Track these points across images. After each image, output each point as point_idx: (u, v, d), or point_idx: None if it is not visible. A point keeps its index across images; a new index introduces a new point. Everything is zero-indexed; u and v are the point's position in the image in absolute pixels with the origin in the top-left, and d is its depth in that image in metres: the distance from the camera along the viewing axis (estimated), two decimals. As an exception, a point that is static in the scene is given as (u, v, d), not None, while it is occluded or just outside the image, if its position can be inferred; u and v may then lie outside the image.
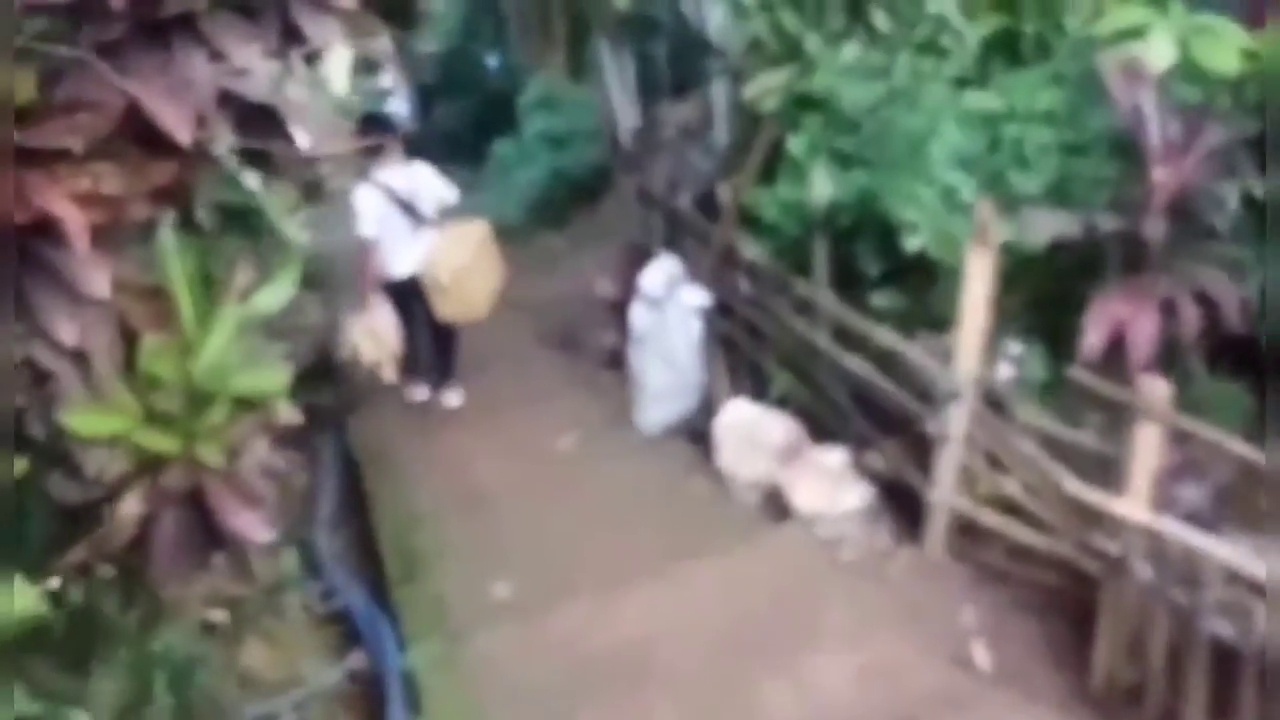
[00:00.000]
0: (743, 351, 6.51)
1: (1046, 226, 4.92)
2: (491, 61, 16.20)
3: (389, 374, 7.08)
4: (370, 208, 6.76)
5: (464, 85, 16.05)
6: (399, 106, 18.37)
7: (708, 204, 6.98)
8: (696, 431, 6.62)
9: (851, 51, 5.78)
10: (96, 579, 3.24)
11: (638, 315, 6.76)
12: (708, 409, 6.66)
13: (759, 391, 6.30)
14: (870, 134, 5.47)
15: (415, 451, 6.94)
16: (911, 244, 5.08)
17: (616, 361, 7.67)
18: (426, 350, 7.47)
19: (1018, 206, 5.01)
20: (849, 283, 5.63)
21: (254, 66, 2.57)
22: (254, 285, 3.97)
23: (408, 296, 6.95)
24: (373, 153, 6.76)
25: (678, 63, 11.90)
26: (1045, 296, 5.16)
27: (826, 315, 5.66)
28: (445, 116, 16.58)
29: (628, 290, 7.54)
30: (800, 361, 5.97)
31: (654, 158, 8.28)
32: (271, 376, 3.36)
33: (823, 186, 5.31)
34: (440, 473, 6.59)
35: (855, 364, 5.44)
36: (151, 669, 4.20)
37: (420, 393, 7.54)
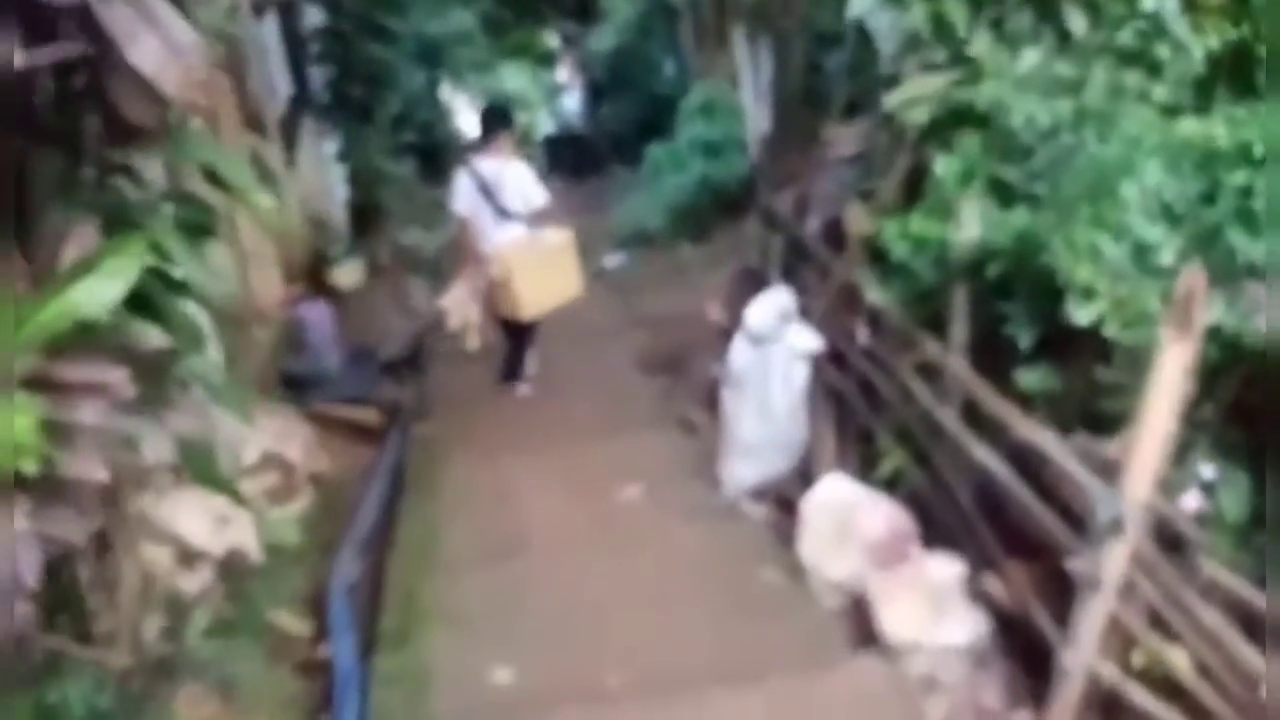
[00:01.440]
0: (853, 413, 5.07)
1: (1276, 313, 3.35)
2: (665, 64, 15.03)
3: (472, 342, 7.22)
4: (463, 190, 6.84)
5: (633, 85, 14.95)
6: (570, 103, 17.47)
7: (836, 232, 5.56)
8: (785, 500, 5.23)
9: (1032, 58, 4.28)
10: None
11: (738, 352, 5.40)
12: (803, 475, 5.26)
13: (865, 466, 4.87)
14: (1044, 164, 3.97)
15: (464, 472, 5.79)
16: (1081, 313, 3.57)
17: (717, 398, 6.34)
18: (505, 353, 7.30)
19: (1237, 280, 3.45)
20: (991, 350, 4.14)
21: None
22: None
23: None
24: (487, 141, 6.89)
25: (820, 67, 10.51)
26: (1258, 407, 3.57)
27: (957, 388, 4.18)
28: (611, 115, 15.55)
29: (737, 319, 6.21)
30: (920, 439, 4.51)
31: (783, 172, 6.87)
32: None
33: (972, 224, 3.85)
34: (483, 504, 5.40)
35: (987, 457, 3.97)
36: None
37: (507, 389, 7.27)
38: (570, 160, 16.32)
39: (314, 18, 9.78)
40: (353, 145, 9.86)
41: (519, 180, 6.84)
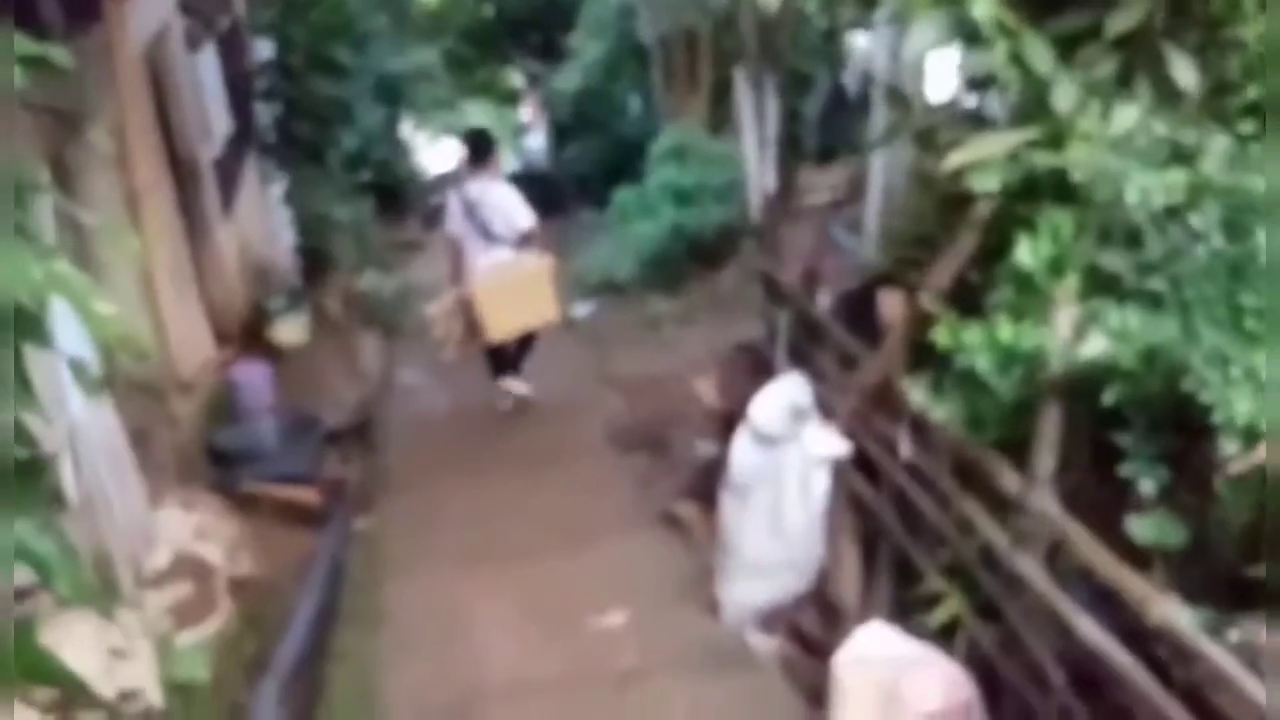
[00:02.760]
0: (889, 538, 3.97)
1: None
2: (632, 105, 13.99)
3: (450, 352, 7.06)
4: (453, 212, 6.84)
5: (599, 126, 13.86)
6: (535, 141, 16.36)
7: (857, 309, 4.50)
8: (799, 632, 4.14)
9: (1128, 115, 3.25)
10: None
11: (741, 452, 4.31)
12: (819, 600, 4.18)
13: (904, 605, 3.79)
14: (1160, 252, 2.94)
15: (410, 593, 4.62)
16: (1238, 460, 2.53)
17: (706, 486, 5.26)
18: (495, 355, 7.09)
19: None
20: (1088, 483, 3.10)
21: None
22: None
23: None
24: (476, 165, 6.85)
25: (836, 114, 9.54)
26: None
27: (1042, 531, 3.12)
28: (576, 156, 14.45)
29: (734, 403, 5.12)
30: (985, 583, 3.43)
31: (789, 235, 5.82)
32: None
33: (1096, 342, 2.79)
34: (431, 639, 4.24)
35: (1084, 625, 2.91)
36: None
37: (498, 392, 7.09)
38: (534, 200, 15.04)
39: (264, 51, 8.61)
40: (300, 187, 8.67)
41: (503, 203, 6.76)
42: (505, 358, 7.02)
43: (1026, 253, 3.07)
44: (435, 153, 12.31)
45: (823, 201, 7.70)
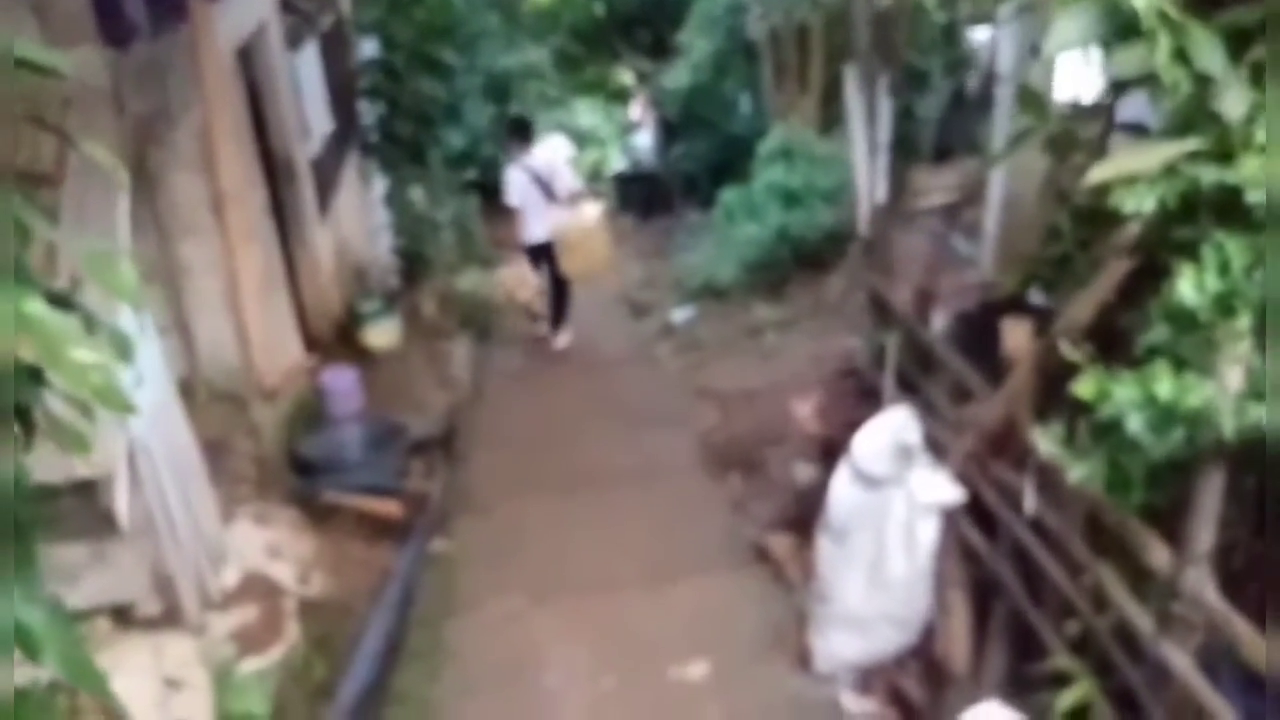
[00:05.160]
0: (1006, 599, 3.44)
1: None
2: (741, 104, 13.46)
3: (536, 308, 8.84)
4: (515, 183, 7.94)
5: (707, 124, 13.36)
6: (642, 141, 15.93)
7: (976, 335, 3.96)
8: (899, 695, 3.65)
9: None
10: None
11: (841, 492, 3.82)
12: (926, 666, 3.67)
13: (1024, 680, 3.26)
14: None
15: (477, 630, 4.25)
16: None
17: (802, 516, 4.79)
18: (550, 302, 8.51)
19: None
20: (1259, 567, 2.54)
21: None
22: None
23: (542, 254, 8.18)
24: (521, 143, 8.04)
25: (954, 114, 8.88)
26: None
27: (1195, 616, 2.57)
28: (684, 155, 13.98)
29: (834, 430, 4.64)
30: (1122, 667, 2.88)
31: (900, 240, 5.29)
32: None
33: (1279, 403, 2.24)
34: (498, 686, 3.87)
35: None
36: None
37: (541, 328, 8.67)
38: (640, 199, 14.81)
39: (368, 49, 8.40)
40: (401, 187, 8.44)
41: (563, 170, 8.20)
42: (564, 298, 8.48)
43: (1189, 287, 2.51)
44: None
45: (936, 204, 7.11)
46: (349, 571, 5.10)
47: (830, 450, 4.93)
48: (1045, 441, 3.00)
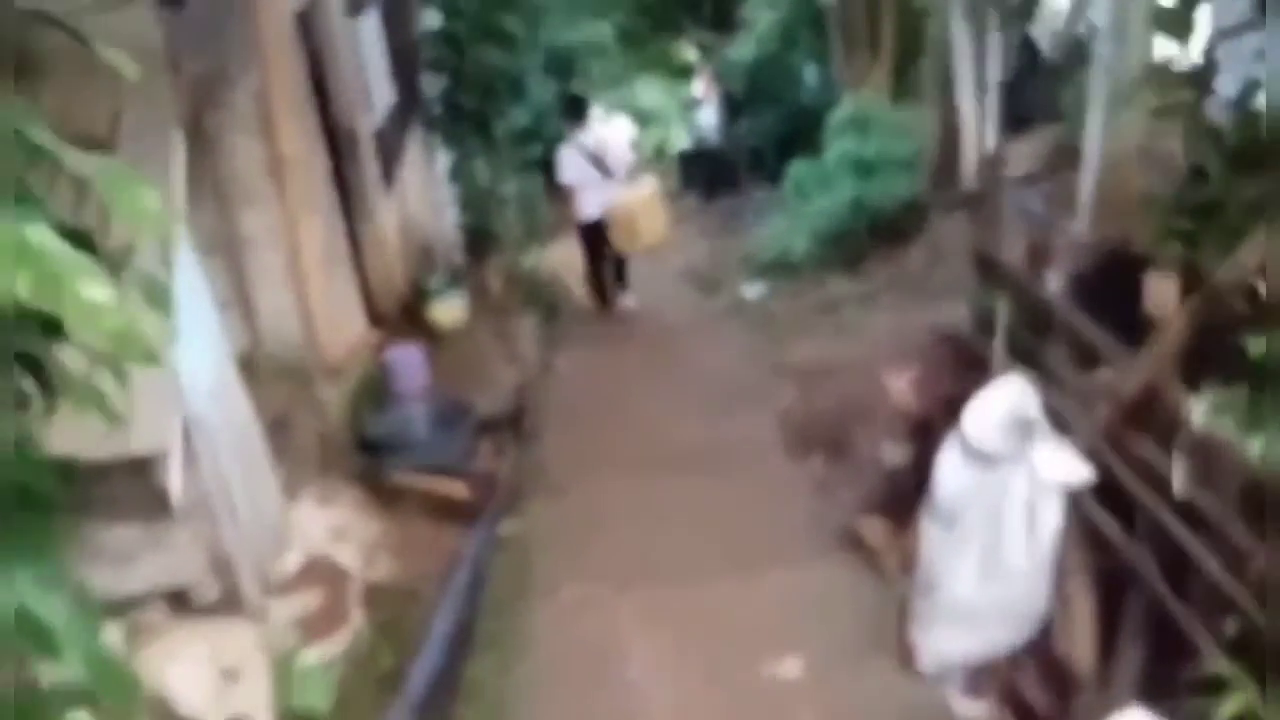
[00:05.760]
0: (1143, 593, 3.02)
1: None
2: (809, 75, 12.95)
3: (579, 290, 8.91)
4: (568, 162, 8.00)
5: (774, 97, 12.89)
6: (706, 117, 15.48)
7: (1098, 295, 3.53)
8: (1017, 697, 3.25)
9: None
10: None
11: (949, 472, 3.42)
12: (1046, 666, 3.27)
13: (1164, 683, 2.84)
14: None
15: (552, 613, 3.94)
16: None
17: (895, 499, 4.41)
18: (609, 273, 8.47)
19: None
20: None
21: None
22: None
23: (596, 232, 8.10)
24: (576, 121, 8.17)
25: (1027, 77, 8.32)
26: None
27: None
28: (750, 130, 13.52)
29: (934, 405, 4.23)
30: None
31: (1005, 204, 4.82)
32: None
33: None
34: (573, 676, 3.57)
35: None
36: None
37: (599, 306, 8.59)
38: (705, 177, 14.37)
39: (431, 20, 8.10)
40: (466, 161, 8.15)
41: (618, 147, 8.18)
42: (608, 280, 8.45)
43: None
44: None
45: (1018, 174, 6.62)
46: (416, 555, 4.82)
47: (923, 429, 4.53)
48: (1201, 411, 2.58)
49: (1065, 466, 3.14)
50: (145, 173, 4.19)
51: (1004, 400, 3.35)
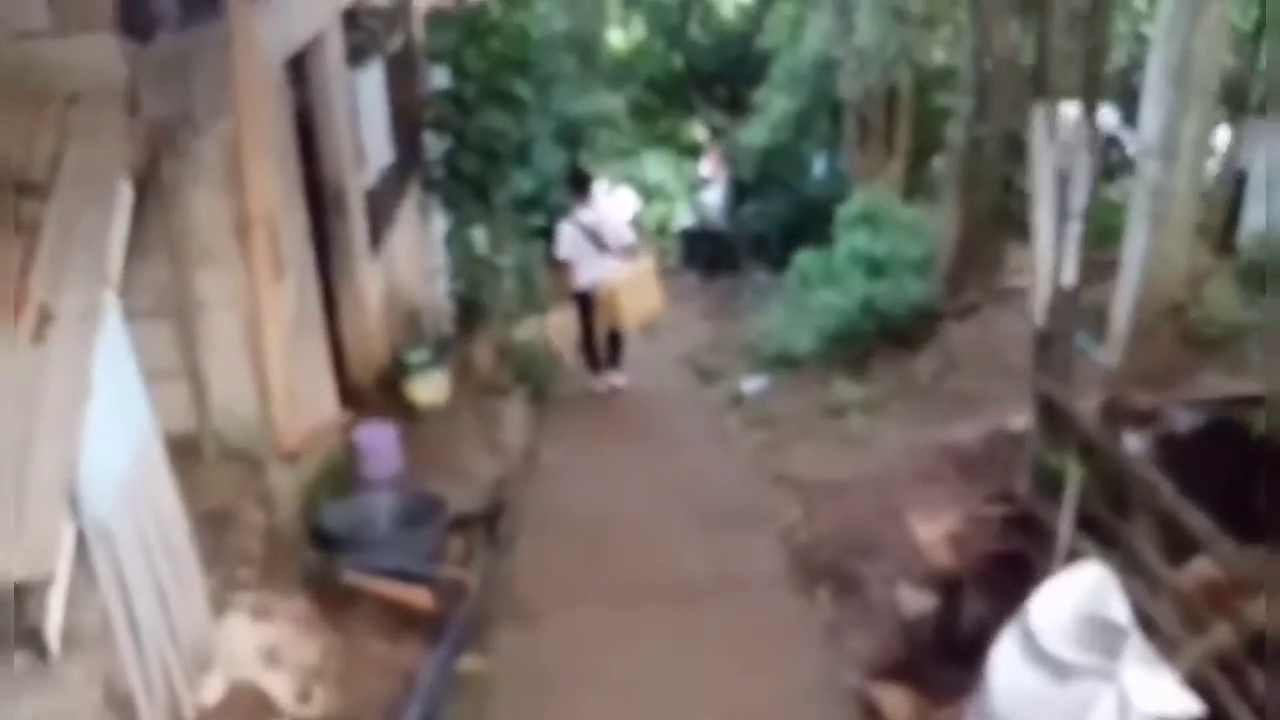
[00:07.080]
0: None
1: None
2: (818, 165, 12.50)
3: (569, 360, 8.75)
4: (566, 237, 7.85)
5: (782, 184, 12.43)
6: (712, 197, 14.99)
7: (1193, 464, 2.87)
8: None
9: None
10: None
11: (1009, 675, 2.71)
12: None
13: None
14: None
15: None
16: None
17: (915, 658, 3.72)
18: (602, 344, 8.20)
19: None
20: None
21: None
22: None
23: (590, 302, 7.94)
24: (580, 196, 7.97)
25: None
26: None
27: None
28: (755, 214, 13.05)
29: (974, 567, 3.54)
30: None
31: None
32: None
33: None
34: None
35: None
36: None
37: (597, 383, 8.19)
38: (706, 256, 13.90)
39: (439, 80, 7.53)
40: (463, 227, 7.52)
41: (615, 222, 8.14)
42: (601, 352, 8.18)
43: None
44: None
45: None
46: (362, 679, 4.05)
47: (954, 583, 3.85)
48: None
49: (1165, 695, 2.44)
50: (81, 225, 3.49)
51: (1079, 592, 2.66)
